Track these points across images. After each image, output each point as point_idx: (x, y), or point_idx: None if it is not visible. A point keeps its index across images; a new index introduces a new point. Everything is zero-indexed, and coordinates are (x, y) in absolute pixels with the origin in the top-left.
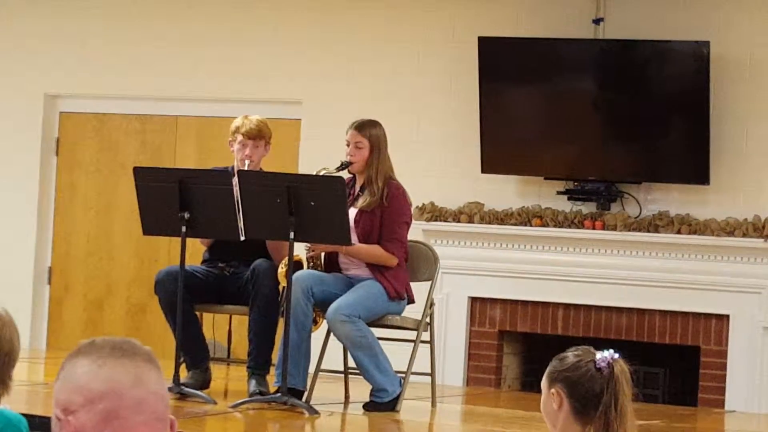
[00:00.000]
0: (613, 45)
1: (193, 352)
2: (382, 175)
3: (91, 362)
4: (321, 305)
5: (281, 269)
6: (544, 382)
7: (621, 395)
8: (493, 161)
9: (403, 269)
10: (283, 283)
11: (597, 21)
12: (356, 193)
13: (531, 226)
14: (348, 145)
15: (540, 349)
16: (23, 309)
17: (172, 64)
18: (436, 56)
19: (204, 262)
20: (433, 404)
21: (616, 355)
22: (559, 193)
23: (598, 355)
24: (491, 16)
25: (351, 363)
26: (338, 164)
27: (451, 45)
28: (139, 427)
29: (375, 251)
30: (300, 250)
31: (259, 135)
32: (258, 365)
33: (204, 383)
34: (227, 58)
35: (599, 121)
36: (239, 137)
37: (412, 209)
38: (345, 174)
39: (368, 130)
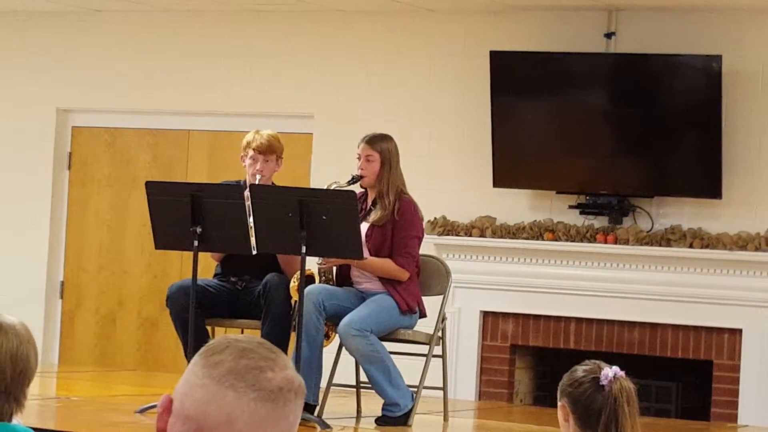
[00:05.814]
0: (624, 59)
1: None
2: (394, 189)
3: (221, 388)
4: (333, 319)
5: (293, 283)
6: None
7: (621, 414)
8: (504, 175)
9: (415, 283)
10: (295, 297)
11: (609, 35)
12: (368, 208)
13: (543, 240)
14: (359, 159)
15: (552, 364)
16: (36, 323)
17: (184, 79)
18: (448, 70)
19: (216, 276)
20: (446, 418)
21: (621, 373)
22: (571, 207)
23: (603, 371)
24: (503, 30)
25: (363, 377)
26: (349, 178)
27: (462, 59)
28: None
29: (386, 265)
30: (312, 263)
31: (270, 150)
32: None
33: None
34: (239, 72)
35: (611, 135)
36: (250, 152)
37: (424, 223)
38: (357, 188)
39: (379, 143)
